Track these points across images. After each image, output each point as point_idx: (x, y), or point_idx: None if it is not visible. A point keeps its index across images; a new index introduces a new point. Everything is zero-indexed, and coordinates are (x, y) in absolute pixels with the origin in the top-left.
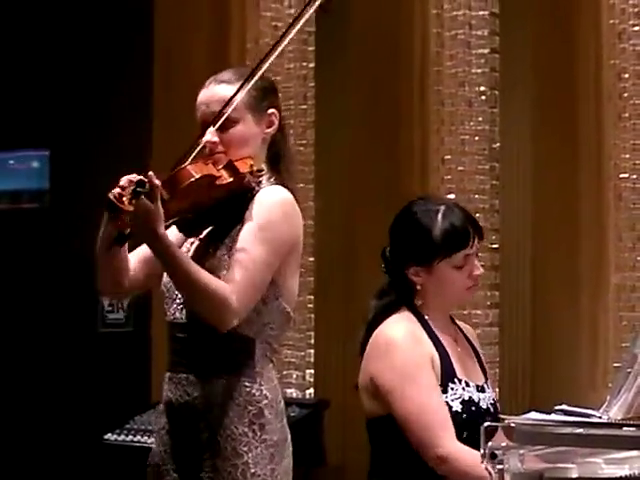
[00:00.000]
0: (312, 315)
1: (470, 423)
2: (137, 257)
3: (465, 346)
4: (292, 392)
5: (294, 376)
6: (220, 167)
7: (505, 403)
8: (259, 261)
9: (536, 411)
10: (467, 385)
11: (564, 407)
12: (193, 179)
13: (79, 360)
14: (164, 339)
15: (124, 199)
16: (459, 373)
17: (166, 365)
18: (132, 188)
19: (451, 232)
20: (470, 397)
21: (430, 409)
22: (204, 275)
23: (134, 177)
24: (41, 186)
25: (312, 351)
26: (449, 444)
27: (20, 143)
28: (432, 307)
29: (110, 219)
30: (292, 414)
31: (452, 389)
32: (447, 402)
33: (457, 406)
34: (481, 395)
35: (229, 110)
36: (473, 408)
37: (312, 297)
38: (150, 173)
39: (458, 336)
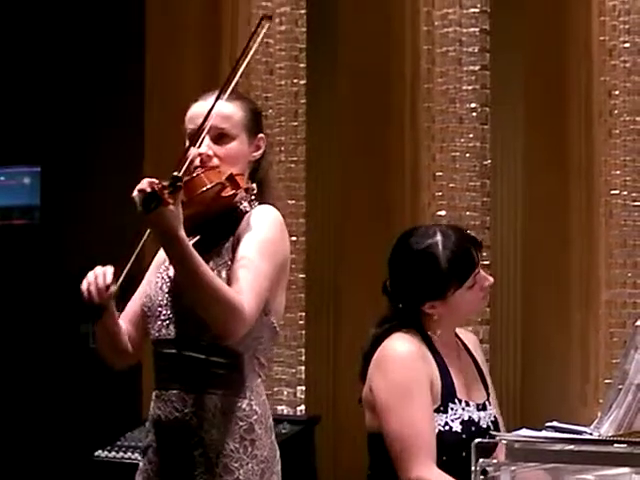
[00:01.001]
0: (303, 332)
1: (469, 444)
2: (126, 321)
3: (467, 362)
4: (283, 409)
5: (285, 393)
6: (224, 178)
7: None
8: (263, 274)
9: (527, 428)
10: (467, 405)
11: (555, 424)
12: (207, 187)
13: (70, 376)
14: None
15: (165, 192)
16: (460, 393)
17: (153, 383)
18: (170, 182)
19: (457, 260)
20: (470, 417)
21: (415, 431)
22: (219, 282)
23: (154, 180)
24: (32, 202)
25: (303, 368)
26: (424, 470)
27: (11, 159)
28: (443, 326)
29: (146, 212)
30: (283, 431)
31: (452, 409)
32: (447, 422)
33: (457, 426)
34: (482, 414)
35: (228, 125)
36: (473, 428)
37: (303, 314)
38: (176, 174)
39: (461, 351)
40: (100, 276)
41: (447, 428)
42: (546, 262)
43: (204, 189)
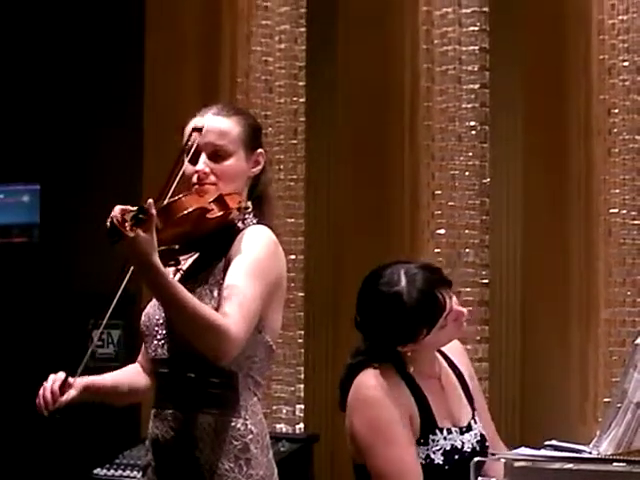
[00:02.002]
0: (302, 350)
1: (452, 473)
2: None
3: (449, 382)
4: (282, 427)
5: (284, 411)
6: (211, 200)
7: None
8: (251, 294)
9: (526, 447)
10: (449, 432)
11: (554, 442)
12: (187, 211)
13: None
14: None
15: (126, 224)
16: (441, 421)
17: (152, 402)
18: (133, 214)
19: (424, 307)
20: (452, 445)
21: (398, 468)
22: (200, 306)
23: (127, 207)
24: (31, 220)
25: (302, 386)
26: None
27: (10, 177)
28: (419, 360)
29: (111, 244)
30: (282, 449)
31: (433, 440)
32: (428, 454)
33: (438, 458)
34: (466, 437)
35: (226, 142)
36: (456, 456)
37: (302, 332)
38: (150, 201)
39: (442, 372)
40: (55, 382)
41: (428, 461)
42: (545, 280)
43: (183, 213)
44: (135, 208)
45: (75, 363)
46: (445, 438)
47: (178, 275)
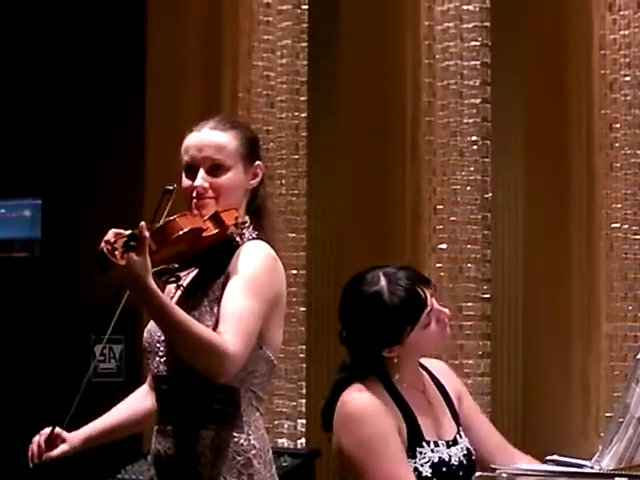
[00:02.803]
0: (303, 365)
1: None
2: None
3: (434, 396)
4: (284, 442)
5: (286, 426)
6: (206, 218)
7: None
8: (248, 311)
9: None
10: (436, 445)
11: (555, 457)
12: (181, 232)
13: (70, 409)
14: None
15: (116, 253)
16: (427, 434)
17: (155, 417)
18: (124, 241)
19: (405, 304)
20: (440, 458)
21: None
22: (197, 326)
23: (117, 231)
24: (33, 235)
25: (303, 401)
26: None
27: (12, 192)
28: (406, 368)
29: (101, 273)
30: (284, 464)
31: (420, 453)
32: (416, 467)
33: (426, 471)
34: (452, 450)
35: (223, 156)
36: (444, 469)
37: (303, 347)
38: (142, 224)
39: (427, 388)
40: (42, 435)
41: (416, 474)
42: (547, 295)
43: (178, 234)
44: (127, 233)
45: (76, 378)
46: (432, 451)
47: (179, 292)
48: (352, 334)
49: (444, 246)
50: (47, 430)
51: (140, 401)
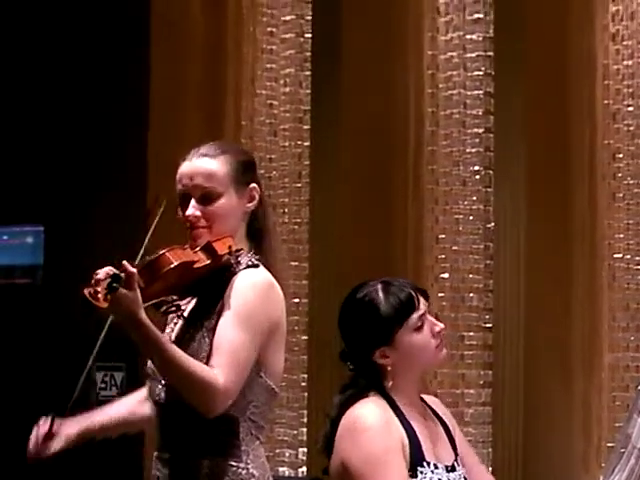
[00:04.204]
0: (305, 394)
1: None
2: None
3: (434, 423)
4: (285, 470)
5: (287, 454)
6: (198, 249)
7: None
8: (241, 345)
9: None
10: (436, 467)
11: None
12: (171, 266)
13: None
14: None
15: (99, 296)
16: (428, 455)
17: (155, 445)
18: (107, 283)
19: (395, 301)
20: None
21: None
22: (188, 360)
23: (110, 270)
24: (35, 262)
25: (305, 429)
26: None
27: (14, 218)
28: (402, 385)
29: (88, 314)
30: None
31: (421, 472)
32: None
33: None
34: (451, 475)
35: (213, 183)
36: None
37: (305, 376)
38: (124, 262)
39: (427, 413)
40: (40, 428)
41: None
42: (549, 325)
43: (168, 268)
44: (112, 273)
45: (78, 407)
46: (432, 472)
47: (180, 322)
48: (347, 339)
49: (446, 275)
50: (46, 425)
51: (137, 406)
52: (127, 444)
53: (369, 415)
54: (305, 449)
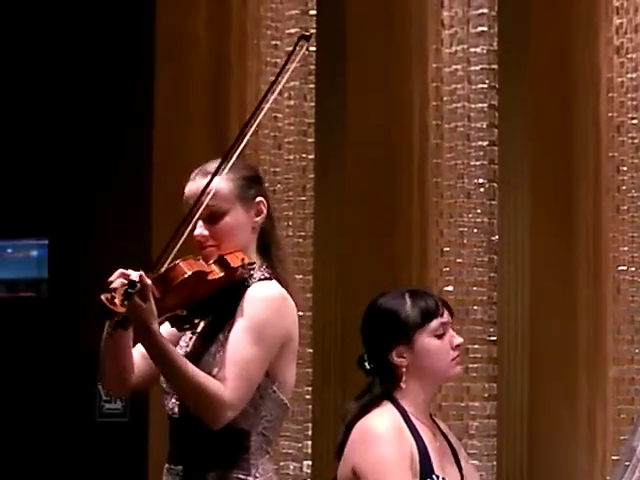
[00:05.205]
0: (309, 406)
1: None
2: (140, 353)
3: (443, 443)
4: None
5: (291, 467)
6: (211, 262)
7: None
8: (250, 359)
9: None
10: None
11: None
12: (185, 276)
13: (76, 450)
14: (161, 430)
15: (116, 301)
16: (436, 469)
17: (165, 456)
18: (124, 289)
19: (421, 303)
20: None
21: None
22: (196, 373)
23: (124, 278)
24: (40, 275)
25: (309, 442)
26: None
27: (19, 231)
28: (415, 393)
29: (103, 321)
30: None
31: None
32: None
33: None
34: None
35: (218, 201)
36: None
37: (309, 388)
38: (141, 273)
39: (436, 431)
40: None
41: None
42: (553, 337)
43: (182, 278)
44: (129, 280)
45: (82, 420)
46: None
47: (194, 337)
48: (367, 335)
49: (450, 288)
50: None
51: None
52: (131, 455)
53: (382, 424)
54: (309, 462)
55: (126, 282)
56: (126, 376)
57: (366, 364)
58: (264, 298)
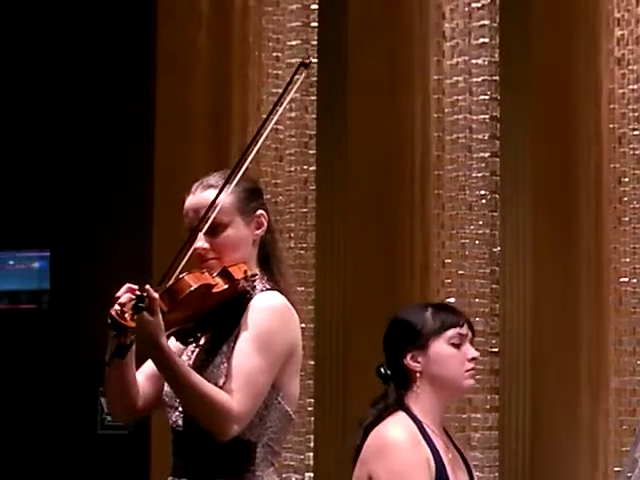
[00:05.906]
0: (312, 418)
1: None
2: (144, 375)
3: (455, 455)
4: None
5: (293, 479)
6: (215, 274)
7: None
8: (257, 369)
9: None
10: None
11: None
12: (191, 289)
13: (77, 462)
14: (163, 442)
15: (126, 315)
16: (451, 477)
17: (169, 469)
18: (132, 304)
19: (442, 313)
20: None
21: None
22: (204, 385)
23: (132, 292)
24: (41, 287)
25: (311, 454)
26: None
27: (21, 243)
28: (428, 402)
29: (114, 336)
30: None
31: None
32: None
33: None
34: None
35: (219, 214)
36: None
37: (312, 400)
38: (147, 287)
39: (449, 443)
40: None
41: None
42: (555, 349)
43: (188, 292)
44: (136, 295)
45: (83, 431)
46: None
47: (197, 350)
48: (386, 340)
49: (452, 300)
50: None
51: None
52: (133, 468)
53: (399, 432)
54: (312, 474)
55: (134, 297)
56: (132, 401)
57: (382, 369)
58: (268, 308)
